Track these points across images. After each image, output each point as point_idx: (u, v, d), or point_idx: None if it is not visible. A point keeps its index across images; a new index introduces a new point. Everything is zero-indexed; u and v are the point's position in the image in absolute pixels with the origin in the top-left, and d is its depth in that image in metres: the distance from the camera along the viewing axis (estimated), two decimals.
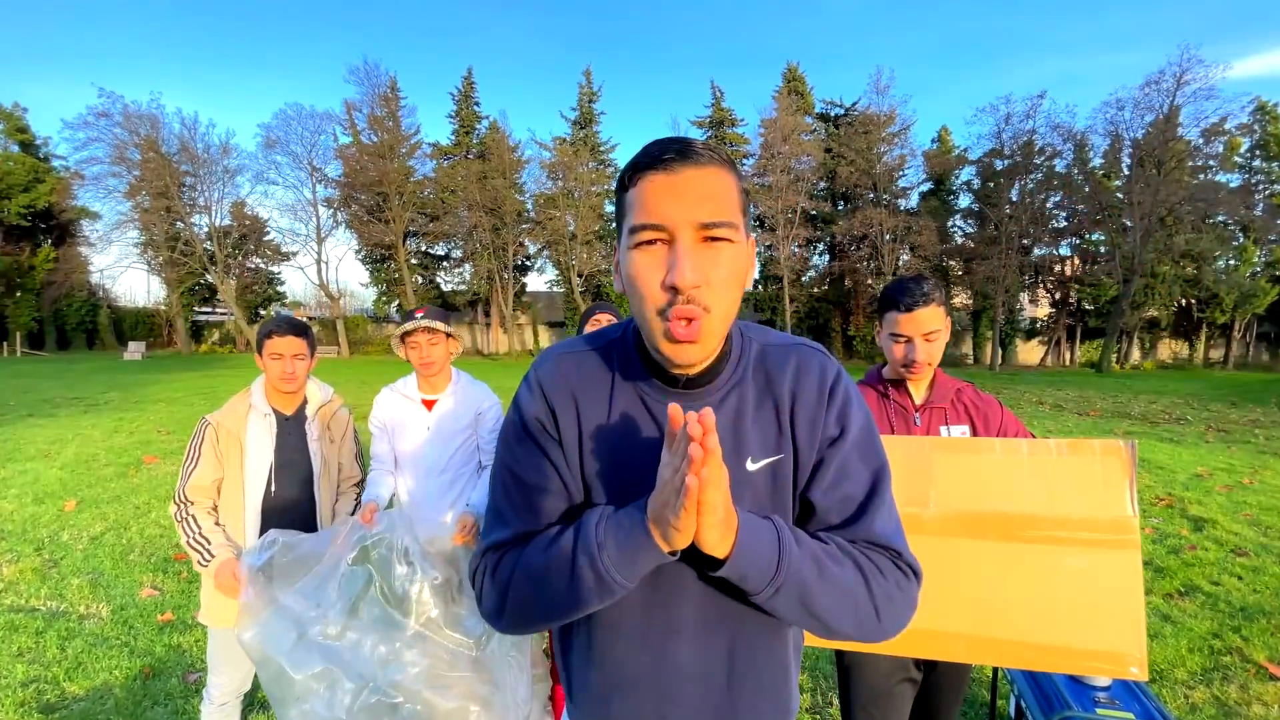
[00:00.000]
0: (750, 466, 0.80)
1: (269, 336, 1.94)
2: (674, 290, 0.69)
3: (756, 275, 36.34)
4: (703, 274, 0.70)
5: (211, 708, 1.97)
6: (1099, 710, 1.94)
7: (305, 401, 2.08)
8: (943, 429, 1.55)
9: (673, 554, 0.71)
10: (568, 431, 0.82)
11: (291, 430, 2.02)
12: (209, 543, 1.83)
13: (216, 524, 1.90)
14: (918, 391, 1.62)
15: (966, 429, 1.54)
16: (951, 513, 1.30)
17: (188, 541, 1.84)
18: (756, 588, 0.71)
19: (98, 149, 33.09)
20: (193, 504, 1.89)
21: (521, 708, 1.62)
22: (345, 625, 1.56)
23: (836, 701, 1.79)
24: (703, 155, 0.71)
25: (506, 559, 0.82)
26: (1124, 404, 14.38)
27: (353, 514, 2.11)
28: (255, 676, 2.10)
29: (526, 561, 0.79)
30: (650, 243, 0.71)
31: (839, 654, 1.53)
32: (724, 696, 0.83)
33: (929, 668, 1.55)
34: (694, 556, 0.73)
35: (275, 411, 2.01)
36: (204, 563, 1.82)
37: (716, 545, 0.68)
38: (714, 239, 0.71)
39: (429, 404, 2.11)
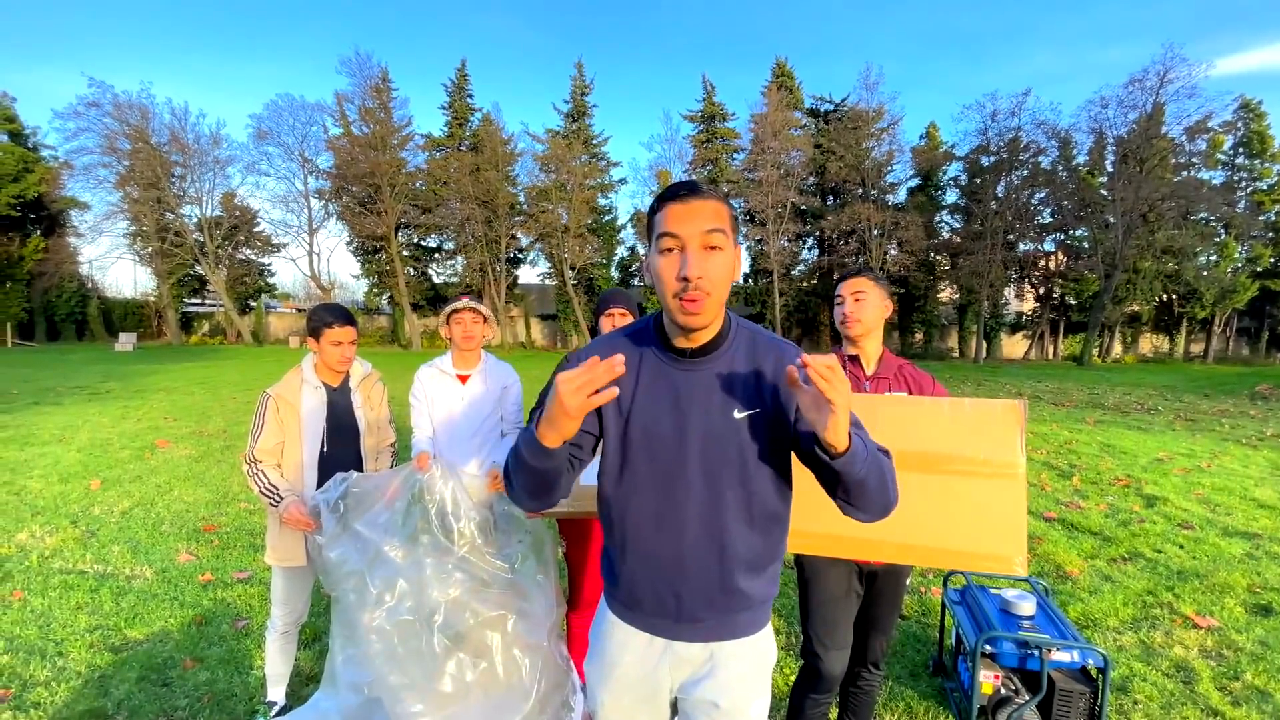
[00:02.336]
0: (737, 415, 1.16)
1: (329, 326, 2.27)
2: (685, 280, 1.06)
3: (747, 270, 36.89)
4: (704, 269, 1.07)
5: (275, 635, 2.33)
6: (1020, 633, 2.33)
7: (348, 375, 2.43)
8: (887, 395, 1.93)
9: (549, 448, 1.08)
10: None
11: (339, 399, 2.37)
12: (278, 489, 2.18)
13: (281, 476, 2.25)
14: (868, 365, 2.00)
15: (904, 394, 1.92)
16: (888, 448, 1.72)
17: (260, 490, 2.19)
18: (859, 473, 1.03)
19: (88, 139, 32.94)
20: (260, 463, 2.24)
21: (547, 618, 2.01)
22: (408, 550, 1.93)
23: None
24: (705, 192, 1.10)
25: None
26: (1100, 395, 14.89)
27: (391, 467, 2.48)
28: (309, 608, 2.45)
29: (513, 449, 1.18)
30: (670, 249, 1.09)
31: (799, 567, 1.91)
32: (720, 573, 1.18)
33: (869, 583, 1.93)
34: (821, 450, 1.05)
35: (325, 385, 2.35)
36: (275, 503, 2.16)
37: (844, 439, 1.00)
38: (711, 247, 1.08)
39: (463, 378, 2.47)
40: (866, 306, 1.95)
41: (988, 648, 2.29)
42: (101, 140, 32.96)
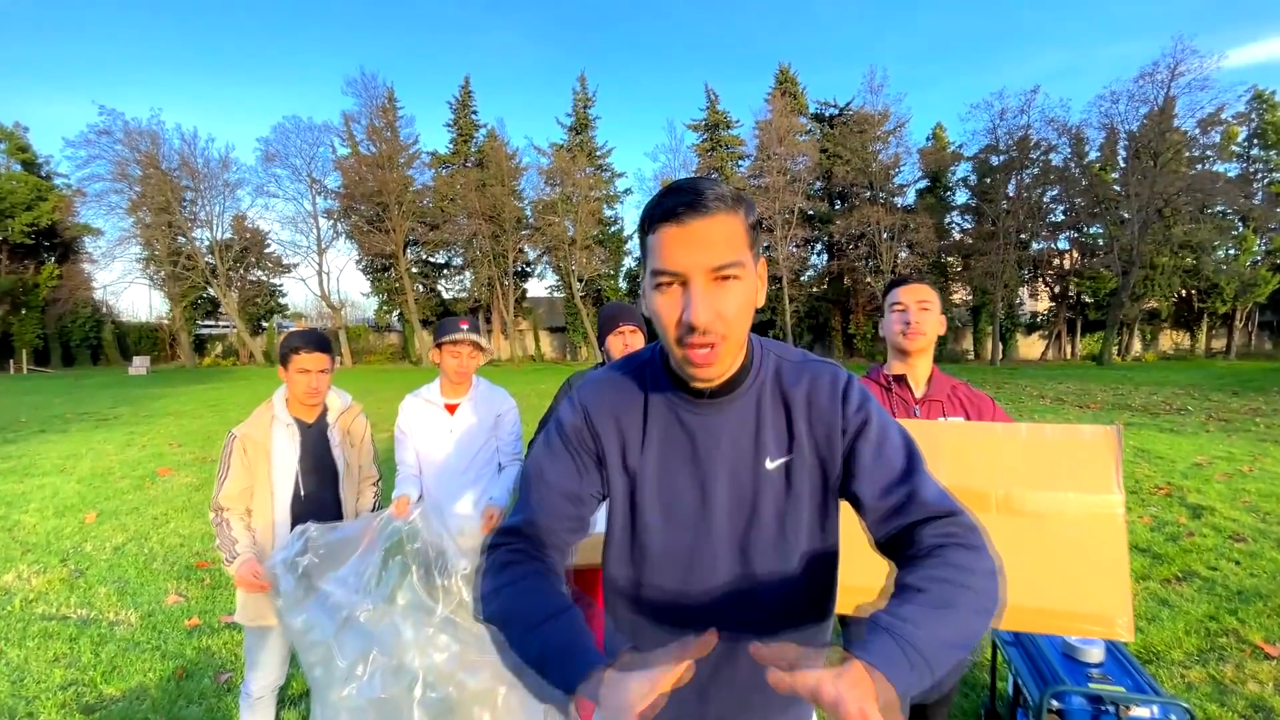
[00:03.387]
0: (769, 465, 0.91)
1: (296, 352, 2.02)
2: (689, 327, 0.80)
3: (759, 305, 36.28)
4: (714, 310, 0.80)
5: (249, 701, 2.08)
6: (1091, 684, 2.04)
7: (325, 409, 2.19)
8: (941, 420, 1.67)
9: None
10: (611, 450, 0.95)
11: (315, 437, 2.13)
12: (236, 543, 1.95)
13: (247, 528, 2.01)
14: (917, 386, 1.74)
15: (962, 419, 1.66)
16: (955, 488, 1.42)
17: (219, 544, 1.96)
18: (924, 688, 0.70)
19: (99, 166, 33.48)
20: (226, 510, 2.01)
21: None
22: (384, 611, 1.68)
23: None
24: (710, 206, 0.79)
25: (507, 574, 0.87)
26: (1125, 395, 14.45)
27: (373, 509, 2.23)
28: (287, 671, 2.21)
29: (519, 620, 0.82)
30: (669, 284, 0.82)
31: (843, 626, 1.64)
32: (756, 667, 0.89)
33: None
34: None
35: (297, 421, 2.11)
36: (229, 560, 1.93)
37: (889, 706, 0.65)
38: (723, 278, 0.81)
39: (451, 408, 2.23)
40: (932, 318, 1.71)
41: (1054, 703, 2.01)
42: (113, 167, 33.47)
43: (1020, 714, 2.33)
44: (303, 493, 2.06)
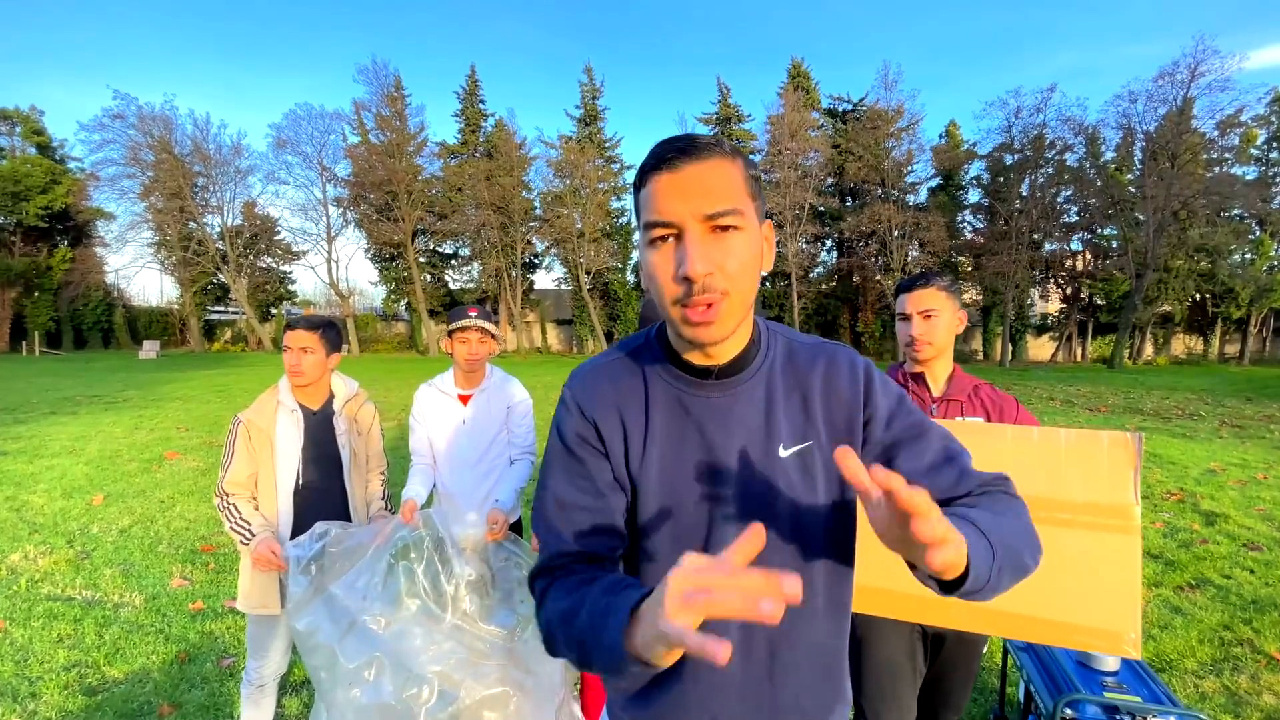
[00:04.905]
0: (782, 453, 0.84)
1: (286, 330, 2.04)
2: (688, 281, 0.73)
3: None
4: (713, 262, 0.73)
5: (250, 689, 2.07)
6: (1106, 694, 2.00)
7: (331, 396, 2.16)
8: (952, 420, 1.62)
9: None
10: (614, 442, 0.87)
11: (320, 424, 2.10)
12: (249, 524, 1.93)
13: (255, 509, 1.99)
14: (935, 385, 1.69)
15: (981, 420, 1.61)
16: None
17: (231, 527, 1.94)
18: (987, 576, 0.69)
19: (113, 150, 33.62)
20: (231, 495, 1.98)
21: (553, 694, 1.71)
22: (391, 617, 1.65)
23: None
24: (704, 149, 0.74)
25: (550, 595, 0.81)
26: (1136, 399, 14.30)
27: (384, 501, 2.21)
28: (289, 659, 2.20)
29: (562, 618, 0.76)
30: (663, 239, 0.76)
31: (851, 624, 1.61)
32: (770, 684, 0.86)
33: (935, 649, 1.62)
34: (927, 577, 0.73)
35: (302, 407, 2.09)
36: (245, 542, 1.91)
37: (958, 563, 0.64)
38: (722, 228, 0.74)
39: (464, 399, 2.21)
40: (938, 327, 1.63)
41: (1068, 712, 1.96)
42: (126, 151, 33.59)
43: None
44: (303, 480, 2.04)
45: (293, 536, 1.97)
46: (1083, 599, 1.30)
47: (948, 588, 0.70)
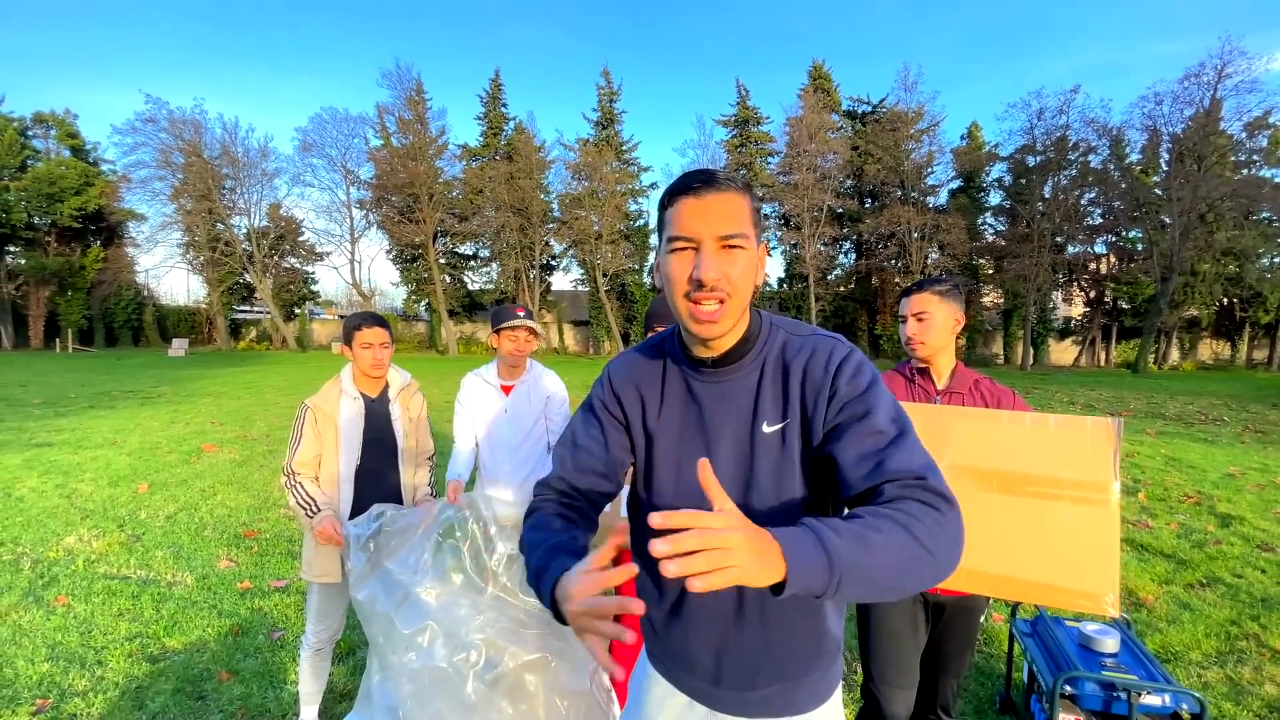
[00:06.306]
0: (765, 429, 1.00)
1: (359, 329, 2.20)
2: (699, 283, 0.92)
3: (782, 274, 36.38)
4: (722, 271, 0.92)
5: (308, 651, 2.27)
6: (1104, 672, 2.12)
7: (387, 385, 2.36)
8: (961, 408, 1.76)
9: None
10: (633, 412, 1.10)
11: (377, 410, 2.30)
12: (314, 501, 2.12)
13: (319, 489, 2.19)
14: (939, 378, 1.84)
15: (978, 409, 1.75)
16: (962, 467, 1.55)
17: (297, 502, 2.13)
18: (822, 589, 0.72)
19: (144, 153, 34.65)
20: (298, 474, 2.18)
21: (589, 659, 1.89)
22: (440, 590, 1.85)
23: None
24: (723, 183, 0.94)
25: (529, 520, 1.05)
26: (1159, 404, 14.16)
27: (429, 488, 2.40)
28: (344, 625, 2.39)
29: (527, 547, 1.01)
30: (684, 249, 0.95)
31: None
32: (764, 630, 1.02)
33: (936, 616, 1.77)
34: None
35: (363, 395, 2.29)
36: (310, 516, 2.10)
37: (768, 576, 0.69)
38: (730, 246, 0.93)
39: (506, 389, 2.41)
40: (931, 328, 1.80)
41: (1068, 688, 2.09)
42: (157, 154, 34.58)
43: (1034, 700, 2.41)
44: (362, 462, 2.23)
45: (351, 516, 2.16)
46: (1067, 564, 1.47)
47: (775, 590, 0.73)
